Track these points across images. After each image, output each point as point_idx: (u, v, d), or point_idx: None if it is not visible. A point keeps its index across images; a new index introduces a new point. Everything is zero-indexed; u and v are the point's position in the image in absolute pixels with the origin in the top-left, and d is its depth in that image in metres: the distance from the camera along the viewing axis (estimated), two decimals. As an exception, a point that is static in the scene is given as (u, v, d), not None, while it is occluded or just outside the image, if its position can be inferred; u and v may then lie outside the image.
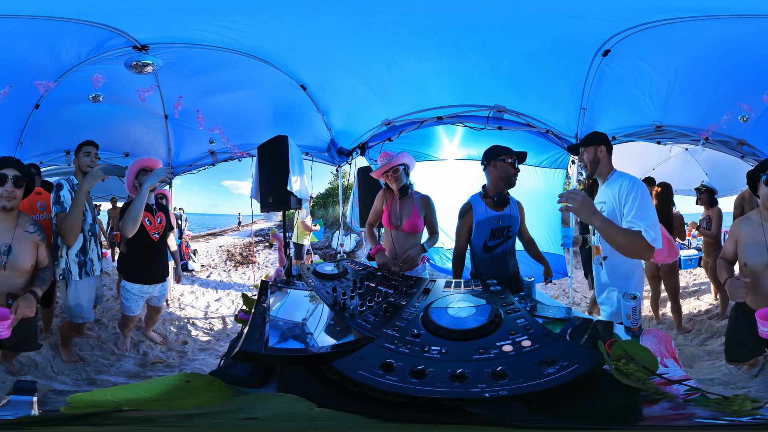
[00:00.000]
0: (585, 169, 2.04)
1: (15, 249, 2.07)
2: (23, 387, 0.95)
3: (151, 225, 2.89)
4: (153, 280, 2.95)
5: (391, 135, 3.98)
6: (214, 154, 4.68)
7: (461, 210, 2.40)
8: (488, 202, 2.31)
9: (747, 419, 0.80)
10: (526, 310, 1.30)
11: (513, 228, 2.34)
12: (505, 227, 2.31)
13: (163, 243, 3.04)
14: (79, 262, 2.66)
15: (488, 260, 2.34)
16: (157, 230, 2.93)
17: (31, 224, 2.20)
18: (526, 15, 2.53)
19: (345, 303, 1.45)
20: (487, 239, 2.31)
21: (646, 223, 1.64)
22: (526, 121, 3.68)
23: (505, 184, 2.29)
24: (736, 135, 3.42)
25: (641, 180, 1.87)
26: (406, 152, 2.55)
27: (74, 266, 2.64)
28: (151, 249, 2.90)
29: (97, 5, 2.42)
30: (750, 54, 2.66)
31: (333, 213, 13.24)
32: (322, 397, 0.93)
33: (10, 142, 3.84)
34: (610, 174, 1.95)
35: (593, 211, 1.66)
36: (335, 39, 2.88)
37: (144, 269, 2.91)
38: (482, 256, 2.34)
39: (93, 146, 2.80)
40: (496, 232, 2.30)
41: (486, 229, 2.30)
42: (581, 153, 2.04)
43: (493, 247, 2.32)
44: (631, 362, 0.96)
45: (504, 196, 2.30)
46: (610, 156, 1.99)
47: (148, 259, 2.92)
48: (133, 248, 2.86)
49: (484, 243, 2.32)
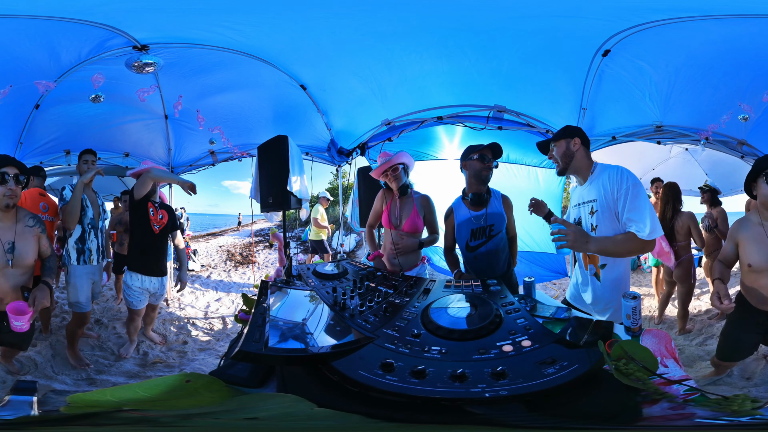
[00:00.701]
0: (557, 165, 1.88)
1: (18, 245, 2.11)
2: (23, 387, 0.95)
3: (154, 215, 3.04)
4: (151, 272, 3.05)
5: (391, 135, 3.97)
6: (214, 154, 4.68)
7: (445, 214, 2.46)
8: (467, 203, 2.35)
9: (747, 419, 0.80)
10: (526, 310, 1.30)
11: (496, 227, 2.30)
12: (487, 227, 2.28)
13: (163, 238, 3.13)
14: (77, 249, 2.88)
15: (471, 260, 2.35)
16: (159, 223, 3.06)
17: (30, 217, 2.24)
18: (526, 15, 2.53)
19: (345, 303, 1.45)
20: (468, 239, 2.32)
21: (640, 217, 1.58)
22: (526, 121, 3.68)
23: (477, 182, 2.27)
24: (736, 135, 3.42)
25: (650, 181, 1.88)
26: (404, 151, 2.55)
27: (73, 252, 2.87)
28: (151, 240, 3.03)
29: (97, 5, 2.42)
30: (750, 54, 2.65)
31: (333, 213, 13.24)
32: (322, 397, 0.93)
33: (10, 142, 3.83)
34: (592, 169, 1.82)
35: (586, 239, 1.65)
36: (335, 39, 2.88)
37: (143, 259, 3.02)
38: (467, 255, 2.37)
39: (92, 154, 3.09)
40: (477, 232, 2.30)
41: (466, 229, 2.32)
42: (551, 150, 1.91)
43: (474, 247, 2.32)
44: (631, 362, 0.96)
45: (479, 195, 2.28)
46: (587, 150, 1.85)
47: (148, 248, 3.04)
48: (135, 238, 3.03)
49: (465, 243, 2.34)
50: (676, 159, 6.30)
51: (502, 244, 2.35)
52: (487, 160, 2.24)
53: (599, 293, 1.82)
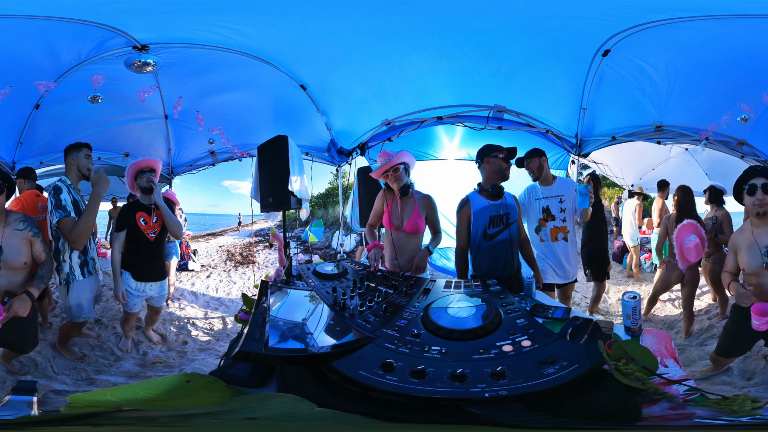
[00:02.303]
0: (532, 175, 2.92)
1: (5, 248, 2.10)
2: (23, 387, 0.95)
3: (146, 224, 2.92)
4: (149, 278, 2.99)
5: (391, 135, 3.97)
6: (214, 154, 4.68)
7: (459, 205, 2.44)
8: (484, 194, 2.39)
9: (746, 419, 0.80)
10: (526, 310, 1.30)
11: (512, 215, 2.39)
12: (504, 215, 2.37)
13: (159, 242, 3.04)
14: (80, 263, 2.66)
15: (488, 250, 2.34)
16: (152, 230, 2.95)
17: (21, 221, 2.22)
18: (526, 15, 2.53)
19: (345, 303, 1.45)
20: (486, 226, 2.34)
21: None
22: (526, 121, 3.68)
23: (499, 178, 2.39)
24: (736, 135, 3.41)
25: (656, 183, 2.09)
26: (405, 151, 2.53)
27: (77, 268, 2.64)
28: (147, 248, 2.93)
29: (97, 5, 2.42)
30: (750, 54, 2.65)
31: (333, 213, 13.24)
32: (322, 397, 0.93)
33: (10, 142, 3.84)
34: (554, 178, 2.91)
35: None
36: (335, 39, 2.88)
37: (140, 267, 2.94)
38: (483, 246, 2.35)
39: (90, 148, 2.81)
40: (495, 220, 2.35)
41: (485, 216, 2.35)
42: (527, 164, 2.91)
43: (493, 234, 2.35)
44: (631, 362, 0.96)
45: (499, 187, 2.39)
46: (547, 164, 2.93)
47: (145, 257, 2.95)
48: (130, 247, 2.89)
49: (483, 231, 2.35)
50: (676, 159, 6.30)
51: (516, 238, 2.43)
52: (509, 161, 2.41)
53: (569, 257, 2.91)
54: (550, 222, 2.86)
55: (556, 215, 2.84)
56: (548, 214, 2.87)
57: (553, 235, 2.85)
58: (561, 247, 2.85)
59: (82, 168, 2.71)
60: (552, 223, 2.86)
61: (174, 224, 2.99)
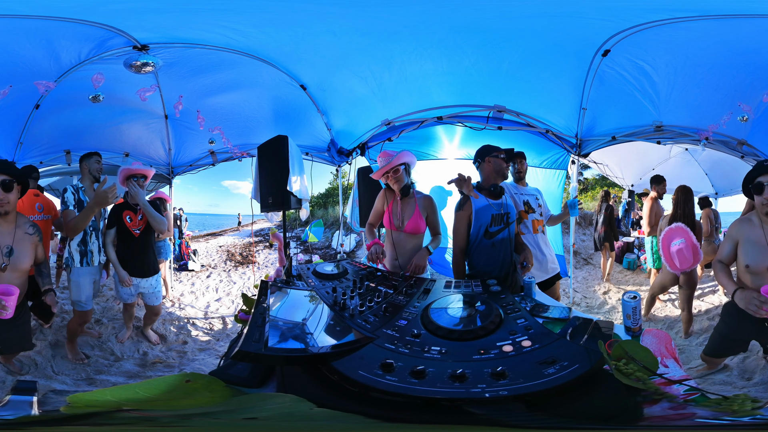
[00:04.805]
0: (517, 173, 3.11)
1: (16, 250, 2.12)
2: (23, 387, 0.95)
3: (132, 222, 3.13)
4: (138, 273, 3.17)
5: (391, 135, 3.97)
6: (214, 154, 4.67)
7: (459, 203, 2.38)
8: (485, 193, 2.38)
9: (747, 419, 0.80)
10: (526, 310, 1.30)
11: (511, 215, 2.42)
12: (505, 214, 2.39)
13: (145, 238, 3.20)
14: (80, 251, 2.97)
15: (489, 248, 2.32)
16: (137, 226, 3.16)
17: (30, 225, 2.26)
18: (526, 15, 2.52)
19: (345, 303, 1.45)
20: (488, 225, 2.34)
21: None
22: (526, 121, 3.67)
23: (500, 177, 2.42)
24: (736, 135, 3.41)
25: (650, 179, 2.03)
26: (407, 150, 2.52)
27: (76, 255, 2.96)
28: (134, 243, 3.15)
29: (97, 5, 2.42)
30: (750, 54, 2.65)
31: (333, 213, 13.23)
32: (322, 397, 0.93)
33: (10, 142, 3.83)
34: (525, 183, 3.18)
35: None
36: (335, 39, 2.87)
37: (130, 263, 3.14)
38: (483, 243, 2.33)
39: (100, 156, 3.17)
40: (497, 218, 2.36)
41: (486, 214, 2.33)
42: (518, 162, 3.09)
43: (494, 233, 2.34)
44: (631, 362, 0.96)
45: (500, 186, 2.41)
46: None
47: (131, 252, 3.16)
48: (120, 244, 3.15)
49: (485, 230, 2.33)
50: (676, 159, 6.30)
51: (514, 238, 2.46)
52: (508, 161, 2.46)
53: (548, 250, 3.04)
54: (531, 214, 3.00)
55: (536, 209, 3.03)
56: (529, 207, 3.01)
57: (534, 226, 2.99)
58: (542, 238, 3.02)
59: (93, 171, 3.07)
60: (533, 216, 3.00)
61: (156, 220, 3.15)
